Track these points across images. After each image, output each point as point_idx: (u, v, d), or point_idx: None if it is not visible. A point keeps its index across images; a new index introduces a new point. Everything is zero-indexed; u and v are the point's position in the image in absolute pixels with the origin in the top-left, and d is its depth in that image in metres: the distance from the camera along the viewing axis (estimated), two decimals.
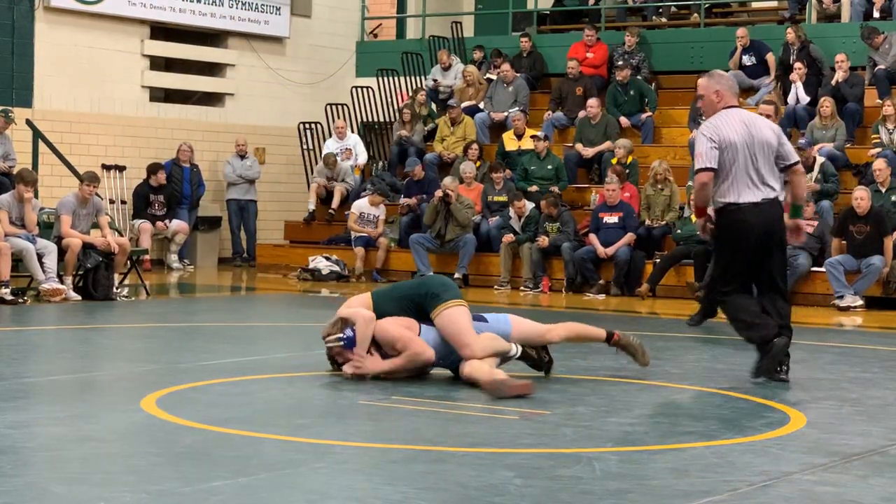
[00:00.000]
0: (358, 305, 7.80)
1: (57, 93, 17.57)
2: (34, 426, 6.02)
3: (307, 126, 19.94)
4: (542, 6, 21.40)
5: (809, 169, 15.36)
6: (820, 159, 15.35)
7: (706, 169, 7.66)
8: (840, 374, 8.48)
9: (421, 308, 7.70)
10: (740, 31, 17.93)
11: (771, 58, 17.68)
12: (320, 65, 20.88)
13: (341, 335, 7.59)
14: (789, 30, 17.55)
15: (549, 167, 16.94)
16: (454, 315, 7.60)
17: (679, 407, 7.04)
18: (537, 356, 7.94)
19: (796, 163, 7.90)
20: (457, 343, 7.55)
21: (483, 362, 7.48)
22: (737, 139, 7.70)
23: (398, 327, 7.63)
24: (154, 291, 14.44)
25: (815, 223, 14.42)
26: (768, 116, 10.36)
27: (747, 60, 17.91)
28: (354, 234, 17.09)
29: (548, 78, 19.65)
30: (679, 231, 15.14)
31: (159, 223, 17.62)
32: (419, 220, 16.95)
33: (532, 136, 17.31)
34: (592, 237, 15.47)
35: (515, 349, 7.78)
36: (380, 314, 7.67)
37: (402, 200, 17.40)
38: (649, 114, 17.94)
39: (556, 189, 16.65)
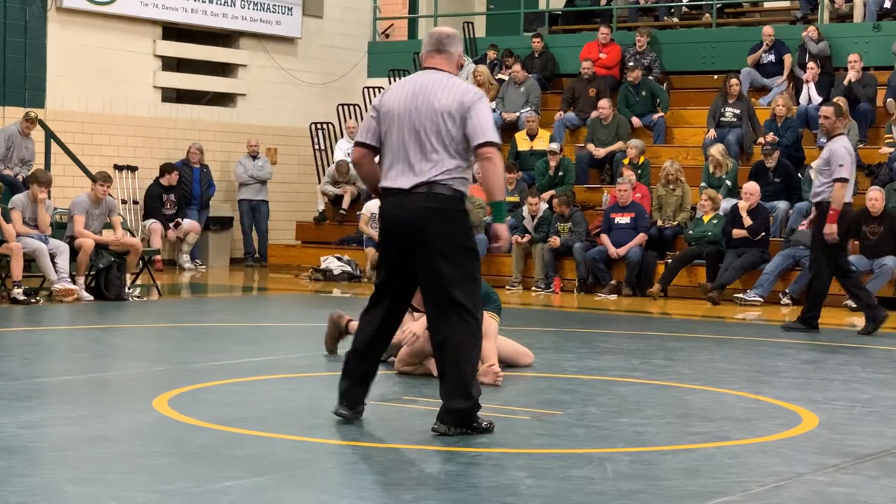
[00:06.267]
0: None
1: (69, 93, 17.59)
2: (47, 426, 6.03)
3: (319, 126, 19.95)
4: (553, 6, 21.39)
5: None
6: None
7: (357, 143, 6.20)
8: (852, 375, 8.45)
9: None
10: (767, 29, 17.91)
11: (788, 58, 17.64)
12: (332, 65, 20.89)
13: None
14: (811, 28, 17.43)
15: (560, 173, 16.90)
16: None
17: (691, 407, 7.03)
18: None
19: (485, 143, 5.91)
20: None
21: None
22: (397, 107, 6.06)
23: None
24: (166, 292, 14.45)
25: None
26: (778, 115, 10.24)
27: (765, 59, 17.88)
28: (366, 235, 17.08)
29: (559, 78, 19.63)
30: (691, 231, 15.12)
31: (171, 224, 17.63)
32: None
33: (549, 152, 17.11)
34: (604, 237, 15.45)
35: None
36: None
37: None
38: (661, 114, 17.91)
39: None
